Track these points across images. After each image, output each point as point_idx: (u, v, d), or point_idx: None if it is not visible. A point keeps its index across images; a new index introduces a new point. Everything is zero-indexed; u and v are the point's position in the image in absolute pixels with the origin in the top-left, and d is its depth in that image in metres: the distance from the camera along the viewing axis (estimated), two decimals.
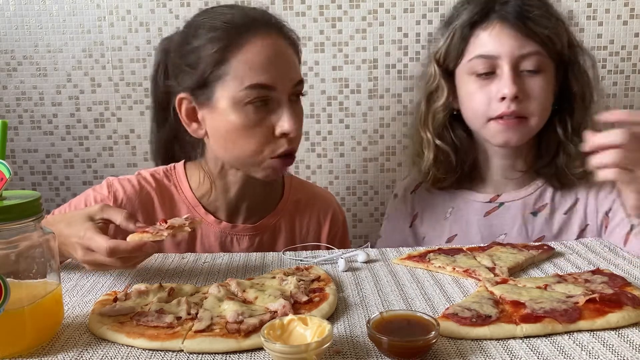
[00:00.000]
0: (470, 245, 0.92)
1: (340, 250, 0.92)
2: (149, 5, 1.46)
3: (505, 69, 1.01)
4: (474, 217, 1.14)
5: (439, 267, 0.83)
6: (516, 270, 0.82)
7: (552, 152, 1.09)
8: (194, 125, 0.99)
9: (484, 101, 1.04)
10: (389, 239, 1.23)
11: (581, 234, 1.10)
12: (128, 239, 0.76)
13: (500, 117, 1.02)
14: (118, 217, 0.80)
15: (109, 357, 0.59)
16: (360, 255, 0.88)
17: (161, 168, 1.07)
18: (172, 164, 1.08)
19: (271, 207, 1.09)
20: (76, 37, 1.48)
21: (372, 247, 0.94)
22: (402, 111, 1.51)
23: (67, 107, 1.52)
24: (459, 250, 0.89)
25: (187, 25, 0.99)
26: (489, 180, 1.15)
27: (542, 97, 1.03)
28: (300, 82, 0.97)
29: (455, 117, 1.12)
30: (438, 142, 1.11)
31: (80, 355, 0.59)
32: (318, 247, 1.06)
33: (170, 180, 1.05)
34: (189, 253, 0.96)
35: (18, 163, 1.54)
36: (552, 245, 0.91)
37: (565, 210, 1.11)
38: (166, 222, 0.79)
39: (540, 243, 0.91)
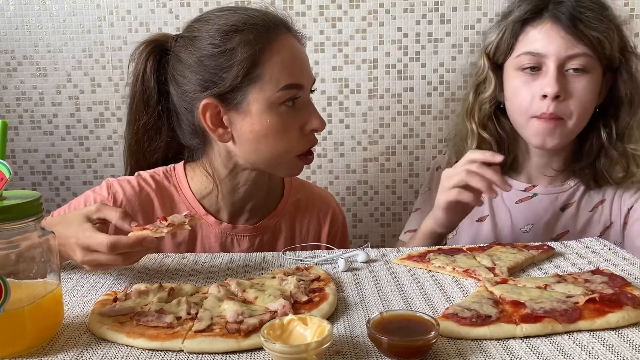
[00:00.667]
0: (471, 245, 0.92)
1: (340, 250, 0.92)
2: (149, 5, 1.46)
3: (550, 68, 1.02)
4: (507, 202, 1.16)
5: (439, 267, 0.83)
6: (516, 270, 0.82)
7: (593, 155, 1.11)
8: (220, 130, 0.96)
9: (527, 97, 1.05)
10: (423, 214, 1.18)
11: (604, 232, 1.13)
12: (129, 235, 0.76)
13: (540, 116, 1.04)
14: (114, 216, 0.79)
15: (109, 357, 0.59)
16: (360, 255, 0.88)
17: (161, 169, 1.07)
18: (172, 165, 1.07)
19: (271, 207, 1.09)
20: (76, 37, 1.48)
21: (372, 246, 0.94)
22: (402, 111, 1.52)
23: (67, 107, 1.52)
24: (458, 250, 0.89)
25: (200, 29, 0.96)
26: (525, 172, 1.17)
27: (583, 98, 1.03)
28: (315, 80, 1.00)
29: (501, 110, 1.14)
30: (482, 132, 1.13)
31: (80, 355, 0.59)
32: (318, 247, 1.06)
33: (170, 182, 1.05)
34: (189, 253, 0.96)
35: (18, 163, 1.54)
36: (552, 245, 0.91)
37: (591, 208, 1.14)
38: (166, 220, 0.79)
39: (540, 243, 0.91)
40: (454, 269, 0.81)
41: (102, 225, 0.81)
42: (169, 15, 1.46)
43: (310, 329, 0.58)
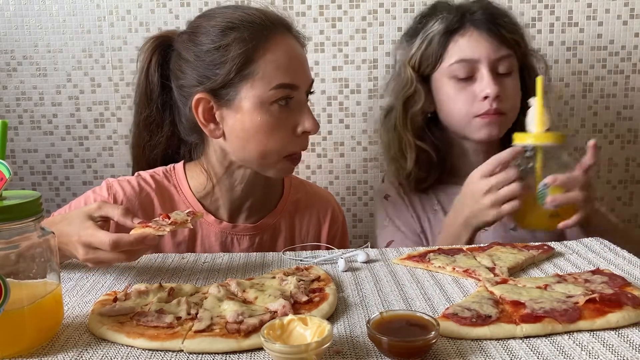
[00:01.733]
0: (471, 245, 0.92)
1: (340, 250, 0.92)
2: (149, 5, 1.46)
3: (484, 72, 1.10)
4: None
5: (439, 267, 0.83)
6: (516, 270, 0.82)
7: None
8: (212, 125, 0.97)
9: (467, 101, 1.11)
10: (400, 242, 1.20)
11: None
12: (131, 232, 0.76)
13: (483, 114, 1.10)
14: (115, 213, 0.80)
15: (109, 357, 0.59)
16: (360, 255, 0.88)
17: (160, 169, 1.07)
18: (172, 165, 1.08)
19: (271, 206, 1.09)
20: (76, 37, 1.48)
21: (372, 247, 0.94)
22: None
23: (67, 107, 1.52)
24: (459, 250, 0.89)
25: (200, 25, 0.97)
26: (467, 176, 1.17)
27: (516, 96, 1.13)
28: (312, 82, 1.00)
29: (430, 119, 1.19)
30: (419, 143, 1.17)
31: (80, 355, 0.59)
32: (318, 247, 1.06)
33: (170, 181, 1.05)
34: (189, 253, 0.96)
35: (18, 163, 1.54)
36: (552, 245, 0.91)
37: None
38: (168, 217, 0.79)
39: (540, 243, 0.91)
40: (454, 269, 0.81)
41: (103, 223, 0.81)
42: (169, 15, 1.46)
43: (310, 329, 0.58)
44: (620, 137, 1.56)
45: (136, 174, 1.05)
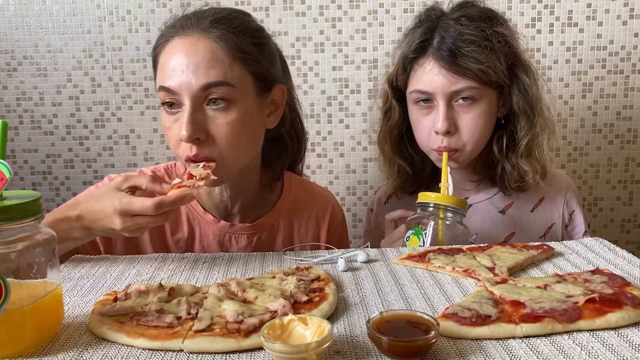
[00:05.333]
0: (471, 245, 0.92)
1: (340, 250, 0.92)
2: (149, 6, 1.47)
3: (440, 104, 1.05)
4: None
5: (439, 267, 0.83)
6: (516, 270, 0.82)
7: (491, 167, 1.15)
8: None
9: (425, 131, 1.09)
10: None
11: (548, 231, 1.16)
12: (168, 194, 0.82)
13: (436, 149, 1.08)
14: (144, 181, 0.85)
15: (109, 357, 0.59)
16: (360, 255, 0.88)
17: (162, 165, 1.08)
18: (173, 162, 1.09)
19: (269, 205, 1.09)
20: (76, 37, 1.48)
21: (372, 246, 0.94)
22: None
23: (67, 107, 1.52)
24: (458, 250, 0.89)
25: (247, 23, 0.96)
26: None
27: (474, 128, 1.06)
28: (207, 85, 0.88)
29: (412, 131, 1.16)
30: (394, 156, 1.18)
31: (80, 355, 0.60)
32: (318, 247, 1.06)
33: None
34: (189, 253, 0.96)
35: (18, 163, 1.55)
36: (551, 245, 0.91)
37: (532, 207, 1.16)
38: (192, 176, 0.84)
39: (540, 243, 0.91)
40: (454, 268, 0.81)
41: (131, 193, 0.85)
42: (169, 15, 1.46)
43: (310, 329, 0.58)
44: (620, 137, 1.56)
45: (138, 170, 1.06)
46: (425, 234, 1.01)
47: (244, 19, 0.96)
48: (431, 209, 1.03)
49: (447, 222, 1.02)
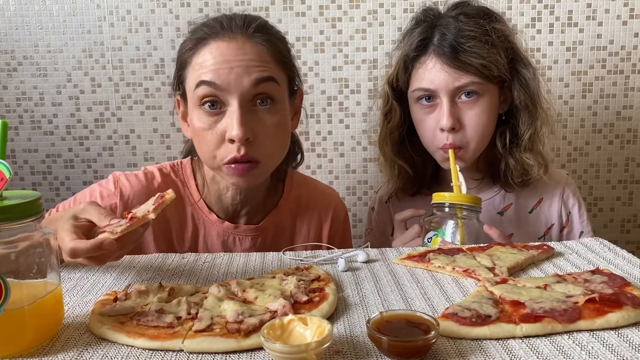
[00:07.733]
0: (471, 245, 0.92)
1: (340, 250, 0.92)
2: (149, 6, 1.47)
3: (443, 101, 1.05)
4: None
5: (439, 267, 0.83)
6: (516, 270, 0.82)
7: (495, 163, 1.15)
8: (185, 125, 1.01)
9: (430, 130, 1.09)
10: None
11: (547, 232, 1.16)
12: (86, 240, 0.71)
13: (442, 147, 1.08)
14: (94, 217, 0.75)
15: (109, 357, 0.59)
16: (360, 255, 0.88)
17: (168, 163, 1.07)
18: (179, 160, 1.08)
19: (272, 205, 1.09)
20: (76, 37, 1.48)
21: (372, 246, 0.94)
22: None
23: (67, 107, 1.52)
24: (458, 250, 0.89)
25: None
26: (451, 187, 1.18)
27: (477, 123, 1.07)
28: (257, 93, 0.91)
29: (413, 132, 1.16)
30: (396, 158, 1.17)
31: (80, 355, 0.60)
32: (318, 247, 1.06)
33: (178, 176, 1.05)
34: (189, 253, 0.96)
35: (18, 163, 1.55)
36: (551, 245, 0.91)
37: (530, 208, 1.16)
38: (128, 216, 0.73)
39: (540, 243, 0.91)
40: (454, 268, 0.81)
41: (89, 224, 0.76)
42: (169, 15, 1.46)
43: (310, 329, 0.58)
44: (620, 137, 1.56)
45: (142, 168, 1.05)
46: (448, 234, 1.01)
47: (273, 25, 1.00)
48: (447, 209, 1.02)
49: (466, 220, 1.01)
